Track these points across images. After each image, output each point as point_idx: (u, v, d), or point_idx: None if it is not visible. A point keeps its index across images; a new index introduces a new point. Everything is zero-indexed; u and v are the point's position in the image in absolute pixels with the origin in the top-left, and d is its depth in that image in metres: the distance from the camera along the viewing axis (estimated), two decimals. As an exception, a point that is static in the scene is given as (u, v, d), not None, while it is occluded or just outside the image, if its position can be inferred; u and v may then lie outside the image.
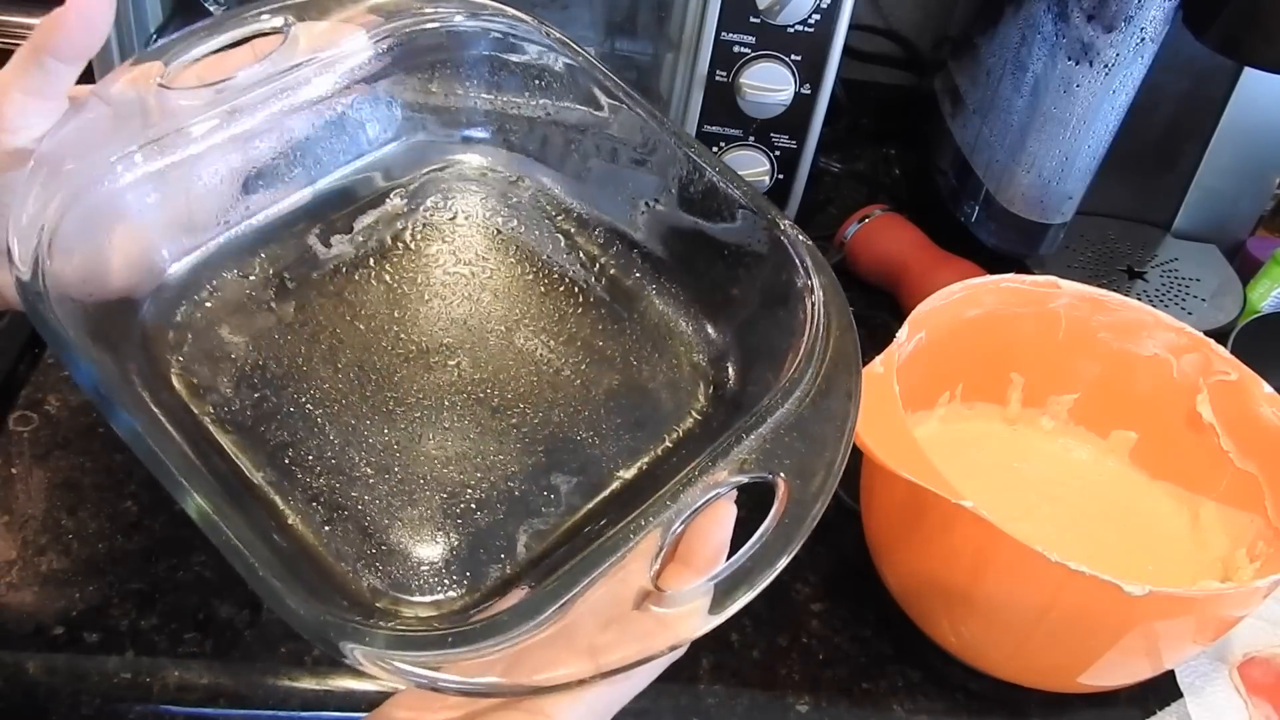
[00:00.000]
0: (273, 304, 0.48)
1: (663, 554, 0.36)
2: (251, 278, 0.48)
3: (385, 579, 0.42)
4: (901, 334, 0.56)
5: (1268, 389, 0.57)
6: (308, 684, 0.51)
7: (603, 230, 0.53)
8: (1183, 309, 0.79)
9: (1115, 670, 0.53)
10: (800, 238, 0.47)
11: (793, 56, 0.68)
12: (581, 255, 0.52)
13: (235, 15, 0.45)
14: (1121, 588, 0.45)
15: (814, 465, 0.40)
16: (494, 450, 0.46)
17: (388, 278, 0.50)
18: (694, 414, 0.49)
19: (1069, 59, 0.67)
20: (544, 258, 0.52)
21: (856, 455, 0.50)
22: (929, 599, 0.55)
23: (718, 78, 0.69)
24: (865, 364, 0.53)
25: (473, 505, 0.45)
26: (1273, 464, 0.57)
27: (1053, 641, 0.51)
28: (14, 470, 0.59)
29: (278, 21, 0.45)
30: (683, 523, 0.37)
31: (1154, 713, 0.55)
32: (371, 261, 0.50)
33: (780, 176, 0.74)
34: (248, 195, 0.48)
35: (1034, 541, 0.46)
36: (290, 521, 0.42)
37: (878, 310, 0.79)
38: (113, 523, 0.57)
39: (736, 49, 0.68)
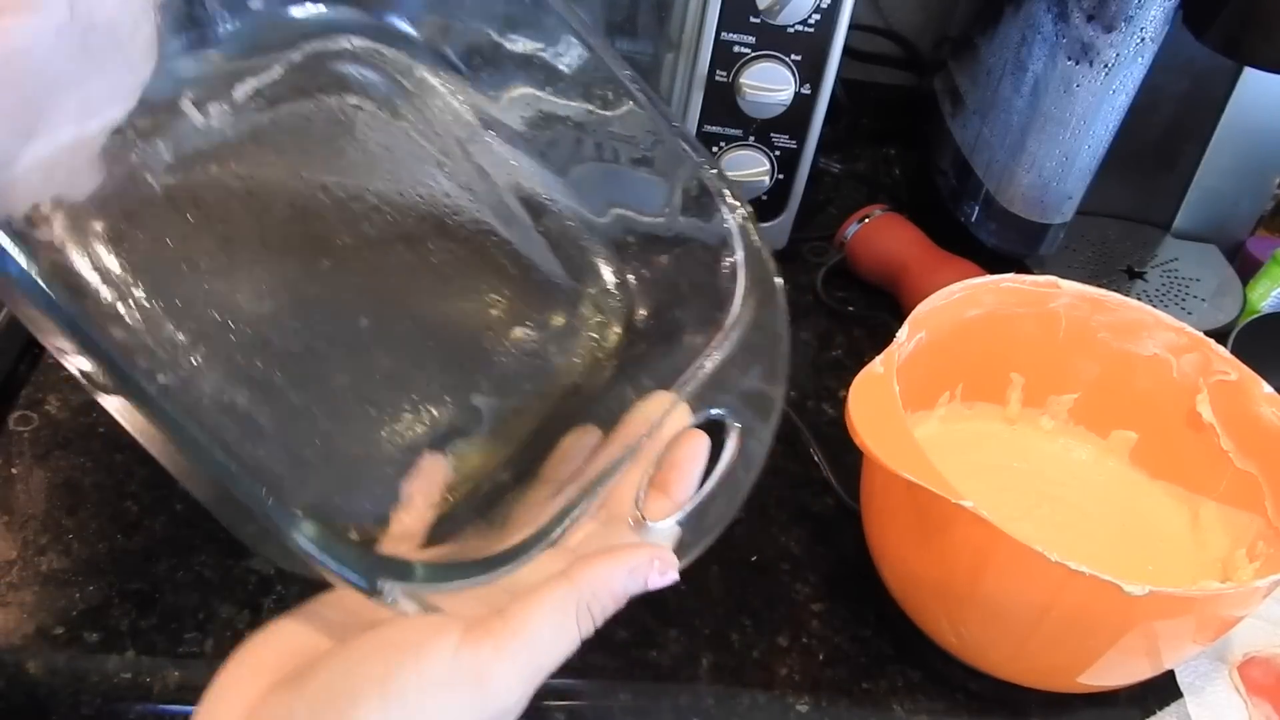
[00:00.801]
0: (148, 176, 0.41)
1: (644, 486, 0.39)
2: (120, 142, 0.40)
3: (317, 501, 0.39)
4: (901, 334, 0.56)
5: (1267, 389, 0.57)
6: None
7: (509, 151, 0.49)
8: (1183, 309, 0.79)
9: (1115, 670, 0.53)
10: (723, 183, 0.46)
11: (793, 56, 0.68)
12: (485, 176, 0.49)
13: None
14: (1121, 588, 0.45)
15: (761, 405, 0.41)
16: (410, 364, 0.44)
17: (273, 159, 0.44)
18: (607, 343, 0.48)
19: (1069, 59, 0.67)
20: (445, 172, 0.48)
21: (857, 455, 0.50)
22: (929, 599, 0.55)
23: (718, 78, 0.69)
24: (865, 364, 0.53)
25: (397, 422, 0.42)
26: (1273, 464, 0.57)
27: (1053, 641, 0.51)
28: (14, 470, 0.59)
29: None
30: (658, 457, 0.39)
31: (1154, 712, 0.55)
32: (255, 138, 0.44)
33: (780, 176, 0.74)
34: (128, 48, 0.39)
35: (1034, 541, 0.46)
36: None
37: (878, 310, 0.79)
38: (113, 523, 0.57)
39: (736, 49, 0.68)
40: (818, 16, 0.67)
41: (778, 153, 0.73)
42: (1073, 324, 0.62)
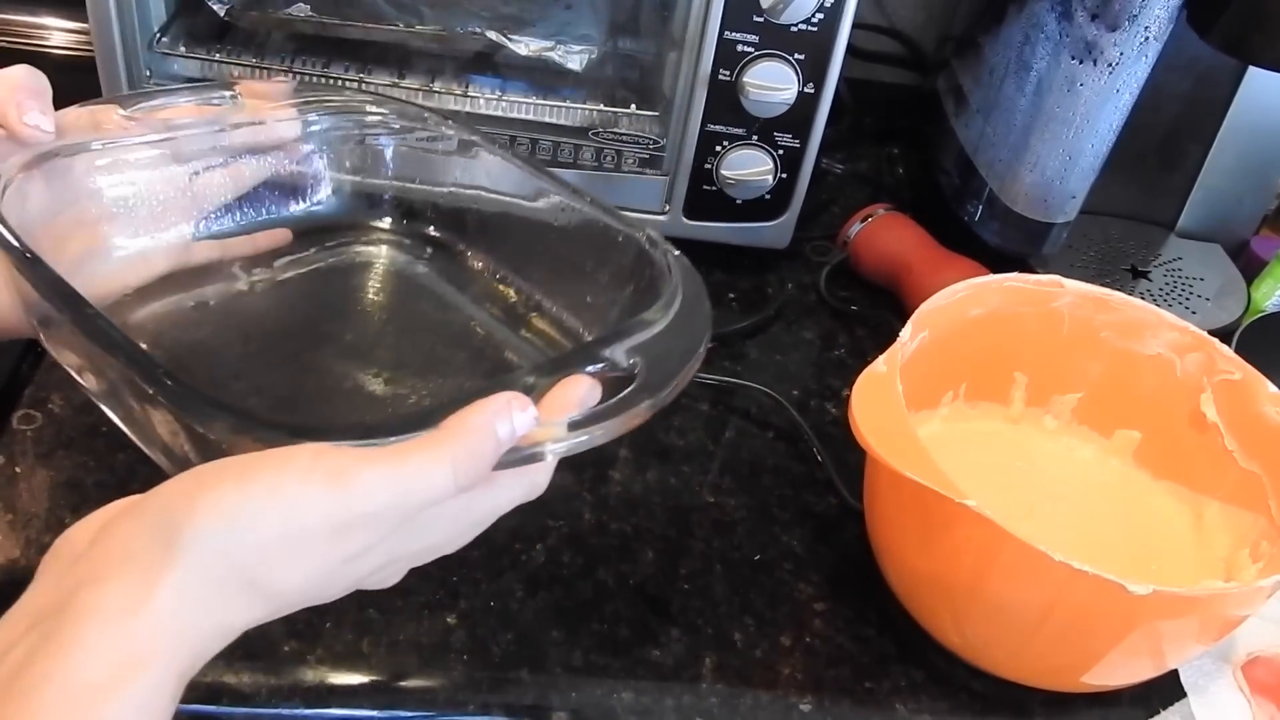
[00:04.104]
0: (196, 319, 0.54)
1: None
2: (175, 295, 0.54)
3: None
4: (905, 333, 0.56)
5: (1272, 388, 0.57)
6: (310, 681, 0.51)
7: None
8: (1186, 308, 0.79)
9: (1118, 670, 0.53)
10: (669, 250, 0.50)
11: (796, 55, 0.68)
12: (522, 329, 0.57)
13: (193, 87, 0.58)
14: (1125, 587, 0.45)
15: (670, 362, 0.44)
16: None
17: (305, 301, 0.57)
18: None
19: (1073, 58, 0.67)
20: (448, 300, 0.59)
21: (860, 454, 0.50)
22: (932, 598, 0.55)
23: (721, 77, 0.69)
24: (868, 364, 0.53)
25: None
26: (1277, 464, 0.57)
27: (1056, 641, 0.51)
28: (17, 469, 0.59)
29: (228, 92, 0.56)
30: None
31: (1158, 712, 0.55)
32: (290, 287, 0.57)
33: (783, 176, 0.74)
34: (185, 225, 0.55)
35: (1037, 541, 0.46)
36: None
37: (881, 309, 0.79)
38: (116, 521, 0.57)
39: (740, 48, 0.68)
40: (821, 15, 0.66)
41: (781, 152, 0.73)
42: (1076, 323, 0.62)
